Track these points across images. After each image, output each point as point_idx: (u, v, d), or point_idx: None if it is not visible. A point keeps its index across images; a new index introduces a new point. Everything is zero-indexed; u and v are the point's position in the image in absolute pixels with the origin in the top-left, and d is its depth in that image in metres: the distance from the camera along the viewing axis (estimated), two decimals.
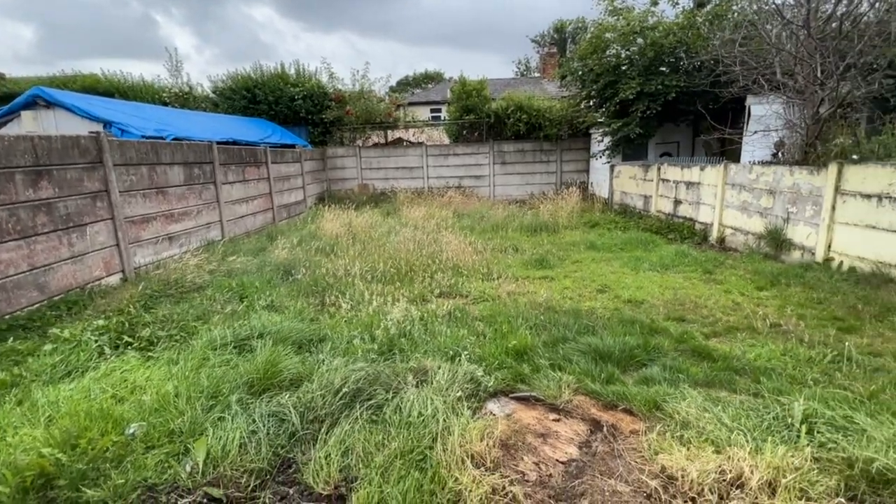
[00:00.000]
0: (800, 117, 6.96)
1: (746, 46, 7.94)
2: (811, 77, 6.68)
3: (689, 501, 2.24)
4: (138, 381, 3.29)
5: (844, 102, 6.49)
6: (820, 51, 6.51)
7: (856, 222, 5.79)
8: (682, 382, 3.27)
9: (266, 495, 2.34)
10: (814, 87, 6.56)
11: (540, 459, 2.64)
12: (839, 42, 6.54)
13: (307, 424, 2.83)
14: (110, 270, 6.34)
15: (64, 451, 2.39)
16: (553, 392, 3.25)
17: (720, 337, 4.18)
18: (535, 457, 2.66)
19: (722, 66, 8.85)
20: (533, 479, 2.48)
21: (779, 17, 7.33)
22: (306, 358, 3.70)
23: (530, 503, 2.30)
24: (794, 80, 7.06)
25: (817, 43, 6.53)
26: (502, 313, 4.64)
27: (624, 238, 8.81)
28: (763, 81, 7.66)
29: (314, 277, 5.79)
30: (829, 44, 6.54)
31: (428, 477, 2.34)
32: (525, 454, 2.68)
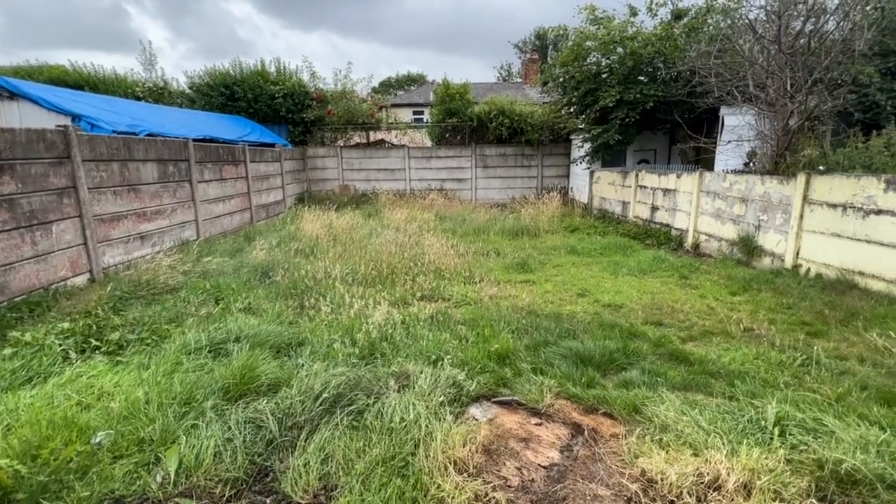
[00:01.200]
0: (770, 129, 7.22)
1: (721, 59, 8.20)
2: (781, 90, 6.94)
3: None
4: (106, 387, 3.14)
5: (812, 115, 6.77)
6: (790, 65, 6.78)
7: (822, 230, 6.04)
8: (661, 386, 3.33)
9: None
10: (784, 99, 6.82)
11: (522, 464, 2.64)
12: (807, 58, 6.83)
13: (286, 431, 2.75)
14: (77, 270, 6.07)
15: (23, 462, 2.25)
16: (535, 396, 3.26)
17: (696, 341, 4.28)
18: (517, 462, 2.65)
19: (697, 77, 9.13)
20: (515, 484, 2.47)
21: (751, 32, 7.60)
22: (285, 362, 3.61)
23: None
24: (765, 93, 7.32)
25: (787, 58, 6.80)
26: (484, 317, 4.64)
27: (603, 243, 8.96)
28: (736, 93, 7.92)
29: (293, 279, 5.67)
30: (798, 59, 6.81)
31: (410, 484, 2.30)
32: (507, 459, 2.67)
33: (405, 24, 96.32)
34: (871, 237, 5.38)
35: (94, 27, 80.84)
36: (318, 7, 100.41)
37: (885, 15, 8.15)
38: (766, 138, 7.75)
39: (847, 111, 8.02)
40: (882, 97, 8.38)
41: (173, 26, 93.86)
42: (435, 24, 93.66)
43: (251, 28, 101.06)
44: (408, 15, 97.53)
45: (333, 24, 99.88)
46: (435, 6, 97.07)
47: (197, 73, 15.71)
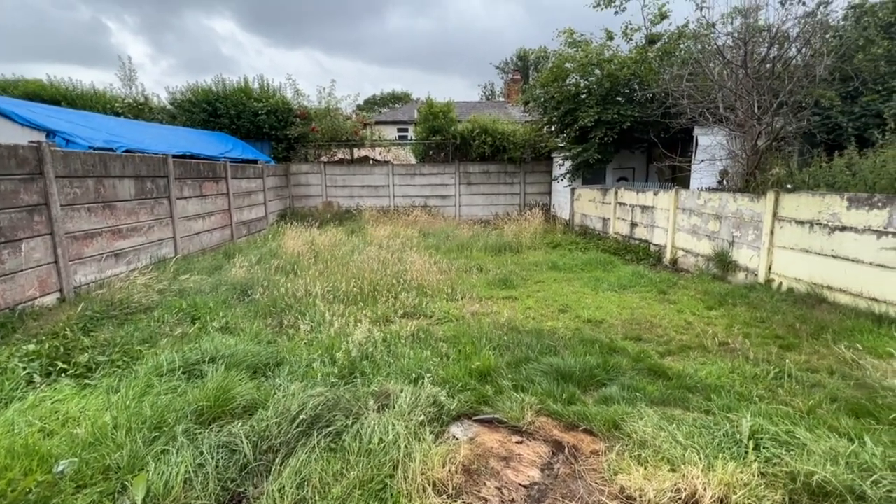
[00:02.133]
0: (741, 148, 7.52)
1: (693, 82, 8.55)
2: (749, 112, 7.27)
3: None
4: (72, 412, 3.02)
5: (779, 136, 7.08)
6: (756, 89, 7.12)
7: (792, 246, 6.26)
8: (640, 401, 3.36)
9: None
10: (752, 121, 7.13)
11: (502, 484, 2.61)
12: (773, 82, 7.18)
13: (260, 455, 2.68)
14: (46, 290, 5.87)
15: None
16: (516, 414, 3.25)
17: (674, 355, 4.35)
18: (497, 481, 2.63)
19: (671, 98, 9.49)
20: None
21: (720, 57, 7.96)
22: (262, 383, 3.53)
23: None
24: (735, 114, 7.64)
25: (754, 82, 7.14)
26: (466, 334, 4.63)
27: (584, 259, 9.09)
28: (708, 114, 8.25)
29: (272, 298, 5.59)
30: (763, 83, 7.16)
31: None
32: (488, 479, 2.64)
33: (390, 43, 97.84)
34: (837, 252, 5.59)
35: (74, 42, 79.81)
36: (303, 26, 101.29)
37: (843, 42, 8.65)
38: (737, 157, 8.07)
39: (811, 132, 8.41)
40: (843, 119, 8.83)
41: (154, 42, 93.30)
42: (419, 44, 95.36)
43: (234, 45, 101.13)
44: (392, 34, 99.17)
45: (318, 43, 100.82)
46: (419, 26, 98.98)
47: (179, 89, 15.64)
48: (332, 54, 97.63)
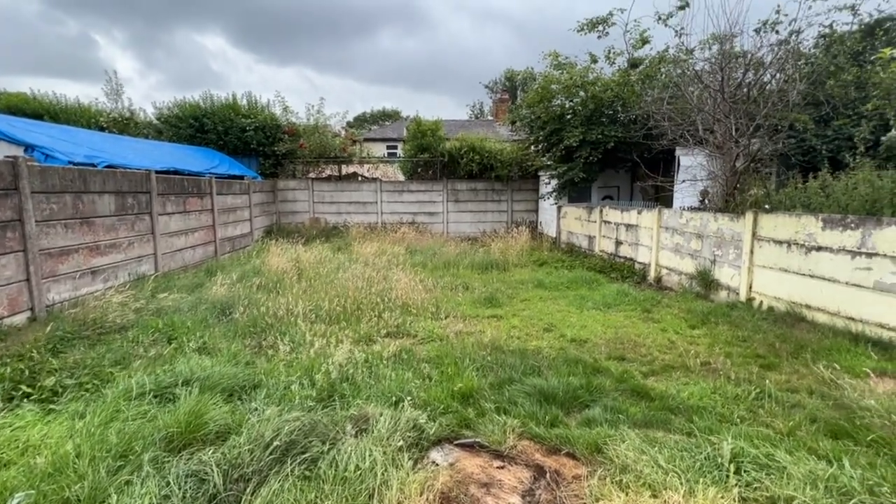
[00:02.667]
0: (721, 169, 7.70)
1: (673, 104, 8.79)
2: (727, 134, 7.48)
3: None
4: (33, 440, 2.88)
5: (756, 158, 7.28)
6: (733, 112, 7.34)
7: (771, 265, 6.37)
8: (622, 423, 3.32)
9: None
10: (730, 143, 7.33)
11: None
12: (749, 105, 7.42)
13: (231, 484, 2.57)
14: (16, 309, 5.67)
15: None
16: (498, 437, 3.19)
17: (657, 376, 4.34)
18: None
19: (653, 120, 9.74)
20: None
21: (699, 82, 8.22)
22: (237, 407, 3.43)
23: None
24: (714, 136, 7.85)
25: (731, 105, 7.37)
26: (449, 354, 4.58)
27: (570, 277, 9.13)
28: (688, 136, 8.46)
29: (253, 317, 5.47)
30: (740, 106, 7.39)
31: None
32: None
33: (380, 61, 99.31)
34: (814, 272, 5.71)
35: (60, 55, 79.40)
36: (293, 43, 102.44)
37: (814, 69, 9.01)
38: (717, 178, 8.26)
39: (787, 154, 8.67)
40: (817, 142, 9.13)
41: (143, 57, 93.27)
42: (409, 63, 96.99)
43: (224, 62, 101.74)
44: (382, 53, 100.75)
45: (309, 60, 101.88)
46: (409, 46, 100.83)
47: (166, 104, 15.58)
48: (322, 72, 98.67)
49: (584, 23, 11.76)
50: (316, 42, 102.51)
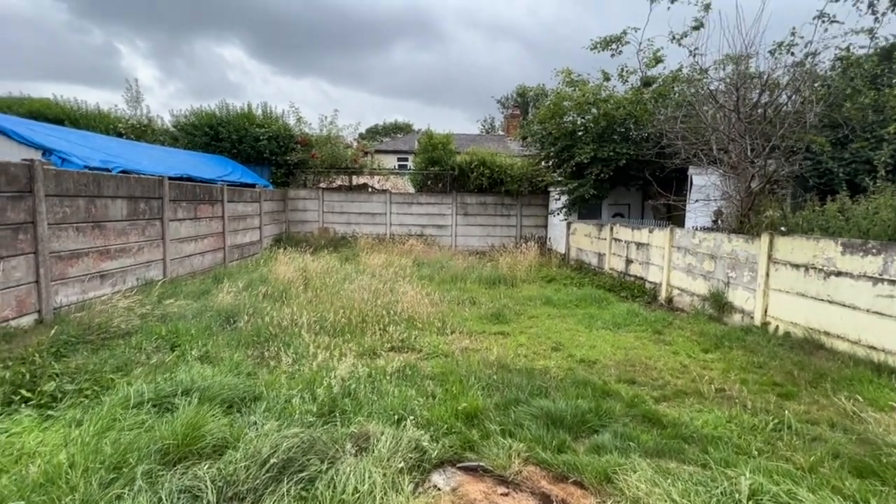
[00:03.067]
0: (735, 189, 7.57)
1: (687, 123, 8.72)
2: (742, 154, 7.37)
3: None
4: (27, 447, 2.83)
5: (772, 179, 7.15)
6: (749, 132, 7.24)
7: (788, 289, 6.19)
8: (633, 451, 3.18)
9: None
10: (745, 163, 7.21)
11: None
12: (764, 126, 7.31)
13: (225, 502, 2.48)
14: (24, 310, 5.69)
15: None
16: (502, 462, 3.07)
17: (669, 401, 4.19)
18: None
19: (666, 139, 9.66)
20: None
21: (713, 101, 8.15)
22: (236, 420, 3.35)
23: None
24: (728, 156, 7.74)
25: (746, 125, 7.27)
26: (454, 372, 4.47)
27: (579, 294, 8.98)
28: (702, 156, 8.35)
29: (257, 327, 5.42)
30: (756, 127, 7.29)
31: None
32: None
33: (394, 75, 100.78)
34: (833, 298, 5.53)
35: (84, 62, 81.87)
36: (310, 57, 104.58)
37: (831, 91, 8.89)
38: (731, 198, 8.12)
39: (803, 176, 8.51)
40: (834, 165, 8.97)
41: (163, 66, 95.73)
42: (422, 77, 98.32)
43: (242, 72, 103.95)
44: (396, 67, 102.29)
45: (323, 72, 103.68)
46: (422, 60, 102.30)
47: (183, 112, 15.88)
48: (336, 84, 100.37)
49: (598, 41, 11.81)
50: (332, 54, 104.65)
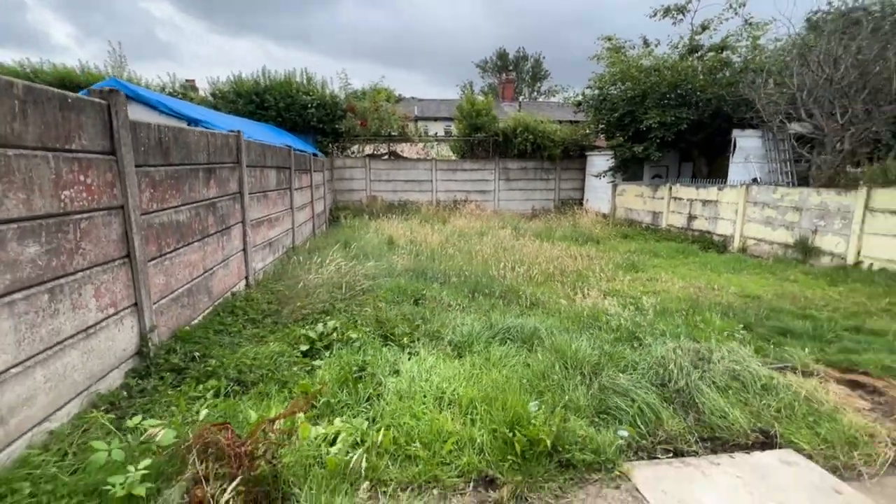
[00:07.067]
0: (830, 147, 8.65)
1: (777, 89, 9.64)
2: (832, 117, 8.42)
3: None
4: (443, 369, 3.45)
5: (864, 140, 8.26)
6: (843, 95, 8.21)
7: (885, 232, 7.42)
8: (874, 350, 4.20)
9: None
10: (835, 125, 8.27)
11: None
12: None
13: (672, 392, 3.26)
14: (240, 276, 6.03)
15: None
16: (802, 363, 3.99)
17: (857, 318, 5.23)
18: None
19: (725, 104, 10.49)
20: None
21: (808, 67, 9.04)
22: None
23: None
24: (813, 119, 8.79)
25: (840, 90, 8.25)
26: (696, 302, 5.34)
27: (667, 247, 10.02)
28: (783, 119, 9.37)
29: (489, 278, 6.06)
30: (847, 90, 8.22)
31: None
32: None
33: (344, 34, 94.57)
34: None
35: None
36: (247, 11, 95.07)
37: None
38: (773, 160, 9.22)
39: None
40: None
41: (79, 22, 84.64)
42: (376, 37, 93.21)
43: (173, 29, 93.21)
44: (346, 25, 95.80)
45: (265, 30, 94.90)
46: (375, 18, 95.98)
47: (220, 80, 15.31)
48: (282, 43, 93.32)
49: (659, 9, 12.44)
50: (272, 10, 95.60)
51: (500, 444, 2.60)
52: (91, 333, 3.02)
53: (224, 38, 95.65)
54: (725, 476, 2.54)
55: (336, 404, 3.04)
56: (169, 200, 4.08)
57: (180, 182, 4.29)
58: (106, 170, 3.17)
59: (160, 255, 3.92)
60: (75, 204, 2.86)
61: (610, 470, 2.53)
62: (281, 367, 3.62)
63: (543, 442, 2.53)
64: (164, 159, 4.00)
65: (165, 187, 4.01)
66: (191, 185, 4.52)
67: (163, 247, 3.96)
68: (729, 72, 12.08)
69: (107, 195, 3.17)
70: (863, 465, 2.65)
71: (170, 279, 4.08)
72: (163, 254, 3.96)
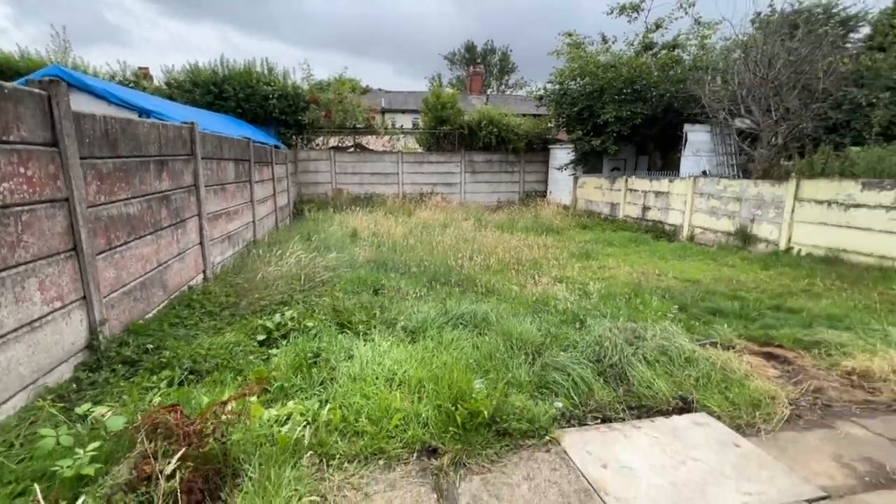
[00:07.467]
0: (765, 142, 9.32)
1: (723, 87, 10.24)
2: (768, 113, 9.08)
3: None
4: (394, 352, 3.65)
5: (794, 136, 8.95)
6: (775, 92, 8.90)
7: (810, 221, 8.10)
8: (792, 324, 4.68)
9: None
10: (770, 120, 8.92)
11: None
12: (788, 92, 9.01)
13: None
14: (197, 270, 5.98)
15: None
16: (726, 340, 4.40)
17: (783, 298, 5.75)
18: None
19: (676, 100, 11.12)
20: None
21: (746, 66, 9.70)
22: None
23: None
24: (752, 115, 9.43)
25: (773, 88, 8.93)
26: (638, 286, 5.71)
27: (622, 237, 10.53)
28: (727, 115, 9.99)
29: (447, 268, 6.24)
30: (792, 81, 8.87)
31: None
32: None
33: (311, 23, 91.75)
34: (851, 224, 7.46)
35: None
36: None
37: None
38: (719, 154, 9.90)
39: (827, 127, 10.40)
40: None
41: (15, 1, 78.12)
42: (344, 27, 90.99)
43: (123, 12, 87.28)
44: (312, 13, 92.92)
45: (226, 16, 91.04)
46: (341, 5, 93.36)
47: (175, 69, 14.74)
48: (246, 31, 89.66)
49: (616, 7, 12.89)
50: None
51: (443, 418, 2.80)
52: (36, 327, 3.01)
53: (179, 23, 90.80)
54: (644, 437, 2.85)
55: (290, 388, 3.16)
56: (118, 193, 4.03)
57: (130, 174, 4.25)
58: (48, 162, 3.13)
59: (110, 249, 3.89)
60: (15, 196, 2.84)
61: (542, 436, 2.78)
62: (237, 356, 3.70)
63: (482, 414, 2.75)
64: (112, 151, 3.95)
65: (114, 180, 3.97)
66: (141, 177, 4.47)
67: (112, 240, 3.93)
68: (679, 69, 12.68)
69: (49, 188, 3.14)
70: (762, 423, 3.02)
71: (121, 272, 4.05)
72: (112, 247, 3.93)
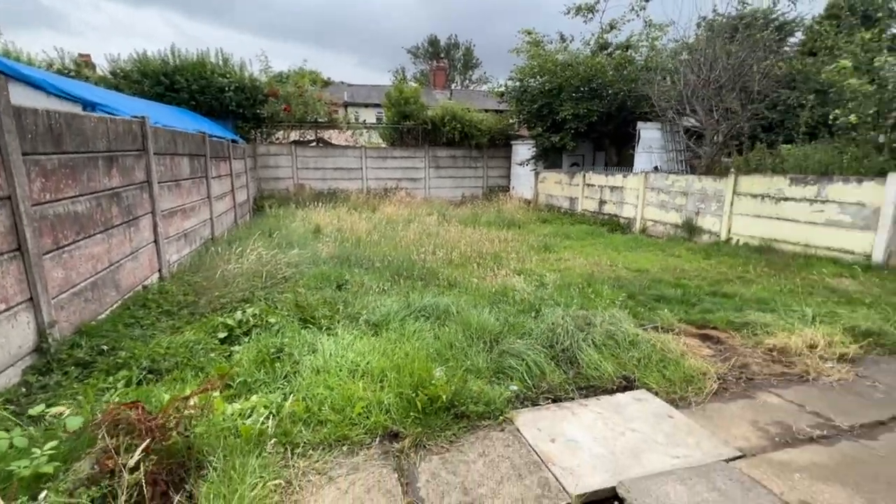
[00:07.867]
0: (708, 140, 9.96)
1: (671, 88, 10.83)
2: (711, 113, 9.71)
3: None
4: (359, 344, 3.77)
5: (733, 135, 9.62)
6: (716, 94, 9.54)
7: (747, 213, 8.78)
8: (725, 309, 5.14)
9: None
10: (712, 119, 9.55)
11: None
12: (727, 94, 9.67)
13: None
14: (153, 269, 5.82)
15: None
16: (664, 322, 4.78)
17: (720, 285, 6.26)
18: None
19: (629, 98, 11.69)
20: None
21: (691, 69, 10.31)
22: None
23: None
24: (696, 115, 10.06)
25: (715, 89, 9.56)
26: (593, 277, 6.04)
27: (580, 230, 10.99)
28: (673, 114, 10.60)
29: (410, 262, 6.35)
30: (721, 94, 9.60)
31: None
32: None
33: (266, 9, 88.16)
34: (781, 216, 8.17)
35: None
36: None
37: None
38: (670, 151, 10.54)
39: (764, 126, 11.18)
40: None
41: None
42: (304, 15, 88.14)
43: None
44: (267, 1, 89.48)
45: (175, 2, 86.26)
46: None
47: (121, 58, 13.96)
48: (193, 17, 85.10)
49: (573, 7, 13.30)
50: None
51: (404, 404, 2.94)
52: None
53: (122, 7, 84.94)
54: (590, 413, 3.11)
55: (253, 383, 3.21)
56: (65, 191, 3.90)
57: (77, 171, 4.10)
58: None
59: (57, 248, 3.76)
60: None
61: (497, 417, 2.98)
62: (197, 354, 3.69)
63: (441, 398, 2.92)
64: (57, 147, 3.81)
65: (60, 177, 3.83)
66: (90, 174, 4.32)
67: (60, 239, 3.80)
68: (632, 69, 13.28)
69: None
70: (693, 396, 3.35)
71: (70, 273, 3.92)
72: (60, 246, 3.81)
